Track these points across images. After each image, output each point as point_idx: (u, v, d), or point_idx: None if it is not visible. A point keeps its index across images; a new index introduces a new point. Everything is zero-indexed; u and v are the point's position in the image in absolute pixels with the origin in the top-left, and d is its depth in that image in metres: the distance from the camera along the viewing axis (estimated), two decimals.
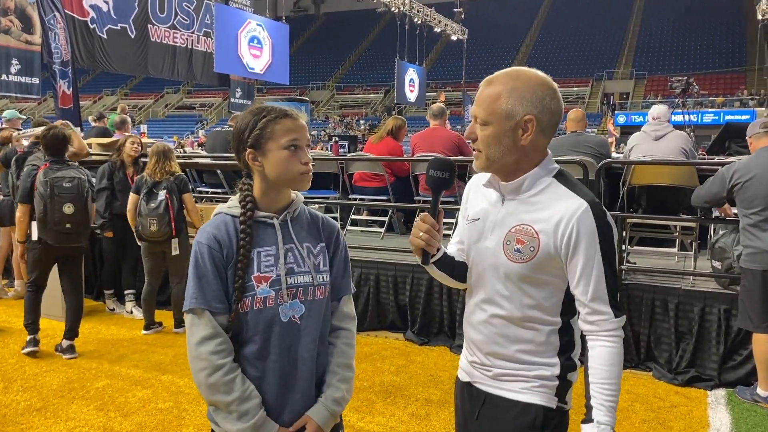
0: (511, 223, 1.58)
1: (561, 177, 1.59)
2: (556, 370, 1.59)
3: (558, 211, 1.53)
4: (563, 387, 1.60)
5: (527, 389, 1.60)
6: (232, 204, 1.66)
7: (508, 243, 1.57)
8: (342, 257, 1.76)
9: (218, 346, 1.55)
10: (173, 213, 4.98)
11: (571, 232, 1.51)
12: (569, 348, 1.61)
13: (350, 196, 6.55)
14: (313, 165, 1.67)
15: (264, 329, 1.60)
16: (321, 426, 1.65)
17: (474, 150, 1.61)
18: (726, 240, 4.21)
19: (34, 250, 4.53)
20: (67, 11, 10.69)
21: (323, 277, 1.68)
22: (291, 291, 1.62)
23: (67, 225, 4.35)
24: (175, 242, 5.03)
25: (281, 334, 1.61)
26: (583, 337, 1.59)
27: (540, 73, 1.58)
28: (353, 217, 6.54)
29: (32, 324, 4.62)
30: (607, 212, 1.56)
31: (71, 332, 4.63)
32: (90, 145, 7.51)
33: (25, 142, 6.09)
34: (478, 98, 1.58)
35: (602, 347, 1.54)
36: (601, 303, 1.53)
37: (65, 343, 4.62)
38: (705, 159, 6.54)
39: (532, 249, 1.54)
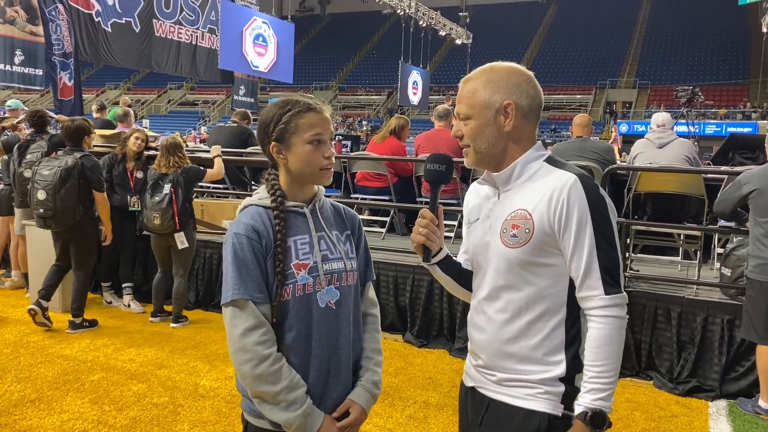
0: (507, 212, 1.56)
1: (551, 160, 1.58)
2: (562, 370, 1.53)
3: (548, 188, 1.51)
4: (570, 393, 1.54)
5: (531, 396, 1.55)
6: (262, 196, 1.68)
7: (505, 231, 1.55)
8: (364, 245, 1.82)
9: (263, 336, 1.55)
10: (177, 207, 4.95)
11: (562, 205, 1.49)
12: (576, 342, 1.55)
13: (352, 196, 6.53)
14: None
15: (304, 316, 1.62)
16: (365, 408, 1.68)
17: (463, 147, 1.62)
18: (746, 250, 4.15)
19: None
20: (72, 3, 10.65)
21: (353, 264, 1.73)
22: (327, 277, 1.65)
23: (40, 210, 4.66)
24: (179, 236, 5.00)
25: (320, 320, 1.63)
26: None
27: (514, 64, 1.63)
28: None
29: (42, 290, 4.89)
30: (600, 187, 1.54)
31: (74, 309, 4.94)
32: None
33: (27, 130, 6.09)
34: (459, 96, 1.61)
35: (591, 328, 1.50)
36: (591, 278, 1.49)
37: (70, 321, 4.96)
38: (711, 167, 6.51)
39: (527, 231, 1.51)
